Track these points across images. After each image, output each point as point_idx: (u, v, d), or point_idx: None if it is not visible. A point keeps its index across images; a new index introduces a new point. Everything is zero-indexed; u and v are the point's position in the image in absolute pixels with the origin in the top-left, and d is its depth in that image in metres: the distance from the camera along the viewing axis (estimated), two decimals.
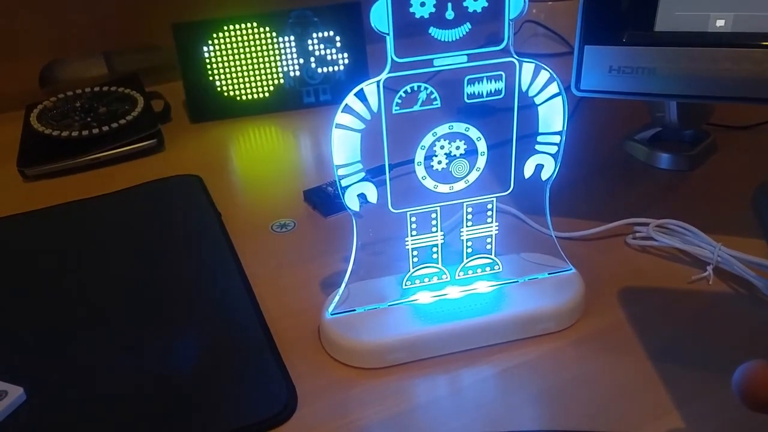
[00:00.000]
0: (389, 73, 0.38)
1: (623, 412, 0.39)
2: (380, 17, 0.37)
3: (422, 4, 0.37)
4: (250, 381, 0.42)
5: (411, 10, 0.37)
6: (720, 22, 0.47)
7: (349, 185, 0.41)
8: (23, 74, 0.86)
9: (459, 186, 0.43)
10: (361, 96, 0.39)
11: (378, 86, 0.39)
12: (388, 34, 0.37)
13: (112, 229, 0.60)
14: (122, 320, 0.48)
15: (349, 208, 0.42)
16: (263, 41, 0.78)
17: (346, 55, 0.80)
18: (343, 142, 0.40)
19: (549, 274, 0.47)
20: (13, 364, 0.45)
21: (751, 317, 0.46)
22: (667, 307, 0.47)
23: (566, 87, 0.42)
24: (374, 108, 0.39)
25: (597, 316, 0.46)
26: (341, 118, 0.39)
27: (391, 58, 0.38)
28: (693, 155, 0.64)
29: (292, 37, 0.79)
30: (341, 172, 0.41)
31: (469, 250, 0.45)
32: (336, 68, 0.81)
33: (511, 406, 0.40)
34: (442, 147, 0.41)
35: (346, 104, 0.39)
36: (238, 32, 0.77)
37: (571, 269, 0.47)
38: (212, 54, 0.78)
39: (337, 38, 0.79)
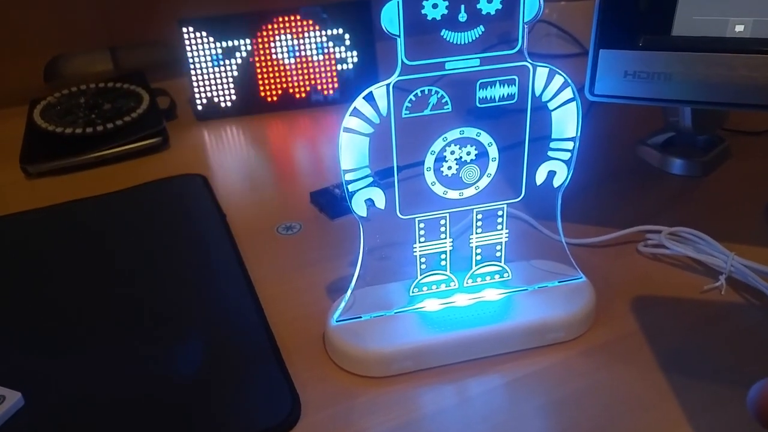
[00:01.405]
0: (399, 76, 0.38)
1: (634, 424, 0.39)
2: (391, 19, 0.36)
3: (434, 6, 0.36)
4: (253, 388, 0.41)
5: (423, 11, 0.36)
6: (739, 27, 0.46)
7: (357, 190, 0.40)
8: (27, 69, 0.85)
9: (469, 192, 0.42)
10: (370, 99, 0.38)
11: (388, 89, 0.38)
12: (398, 36, 0.36)
13: (115, 228, 0.59)
14: (124, 323, 0.47)
15: (356, 213, 0.41)
16: (271, 38, 0.77)
17: (355, 53, 0.79)
18: (351, 147, 0.39)
19: (559, 282, 0.46)
20: (11, 367, 0.44)
21: (765, 328, 0.45)
22: (678, 317, 0.46)
23: (579, 89, 0.41)
24: (383, 111, 0.39)
25: (607, 325, 0.46)
26: (349, 121, 0.38)
27: (402, 61, 0.37)
28: (706, 161, 0.63)
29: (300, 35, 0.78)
30: (349, 176, 0.40)
31: (479, 257, 0.44)
32: (345, 66, 0.80)
33: (519, 417, 0.40)
34: (452, 152, 0.40)
35: (355, 107, 0.38)
36: (246, 29, 0.77)
37: (581, 278, 0.46)
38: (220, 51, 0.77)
39: (347, 36, 0.79)
